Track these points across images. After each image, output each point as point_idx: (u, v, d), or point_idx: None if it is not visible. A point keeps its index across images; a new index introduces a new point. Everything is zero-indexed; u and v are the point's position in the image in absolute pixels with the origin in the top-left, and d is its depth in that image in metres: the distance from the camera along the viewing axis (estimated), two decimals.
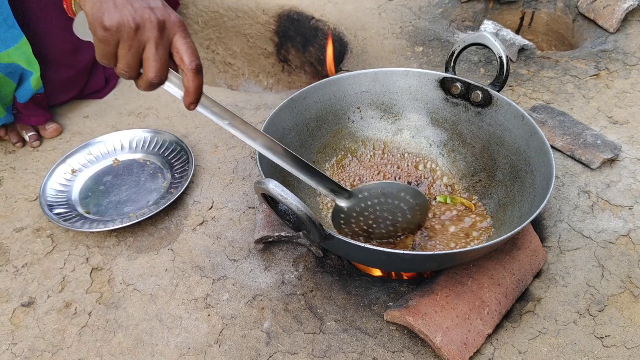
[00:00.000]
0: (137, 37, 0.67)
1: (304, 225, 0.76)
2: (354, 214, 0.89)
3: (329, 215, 1.04)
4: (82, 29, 0.71)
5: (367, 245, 0.77)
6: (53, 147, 1.26)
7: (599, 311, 0.89)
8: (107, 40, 0.67)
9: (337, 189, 0.86)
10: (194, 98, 0.72)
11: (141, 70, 0.71)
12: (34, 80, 1.18)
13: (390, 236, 0.95)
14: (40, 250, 1.03)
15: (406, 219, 0.93)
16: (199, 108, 0.74)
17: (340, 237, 0.77)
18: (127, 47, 0.67)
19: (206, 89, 1.42)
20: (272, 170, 0.95)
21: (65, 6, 0.73)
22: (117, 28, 0.66)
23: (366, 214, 0.90)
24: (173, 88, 0.73)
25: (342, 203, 0.88)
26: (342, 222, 0.91)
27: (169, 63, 0.71)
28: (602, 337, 0.85)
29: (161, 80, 0.70)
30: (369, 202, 0.89)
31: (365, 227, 0.92)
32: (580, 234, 1.01)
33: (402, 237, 0.96)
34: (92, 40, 0.70)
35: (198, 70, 0.70)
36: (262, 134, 0.79)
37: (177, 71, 0.73)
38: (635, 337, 0.85)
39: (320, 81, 1.08)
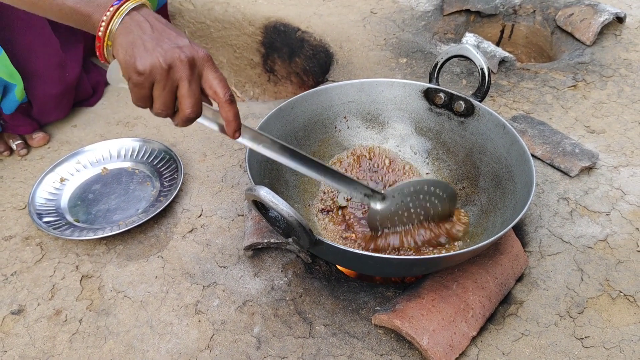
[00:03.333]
0: (170, 76, 0.70)
1: (294, 231, 0.78)
2: (389, 214, 0.94)
3: (316, 219, 1.06)
4: (115, 76, 0.73)
5: (355, 250, 0.80)
6: (41, 156, 1.27)
7: (579, 313, 0.92)
8: (142, 84, 0.70)
9: (370, 193, 0.92)
10: (236, 126, 0.75)
11: (176, 108, 0.74)
12: (18, 92, 1.18)
13: (425, 230, 1.00)
14: (29, 259, 1.03)
15: (437, 211, 0.98)
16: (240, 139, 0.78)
17: (329, 242, 0.79)
18: (162, 87, 0.70)
19: None
20: (261, 178, 0.97)
21: (98, 52, 0.74)
22: (150, 71, 0.68)
23: (400, 212, 0.95)
24: (208, 121, 0.77)
25: (377, 206, 0.93)
26: (378, 223, 0.95)
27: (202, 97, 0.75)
28: (582, 338, 0.88)
29: (197, 114, 0.73)
30: (402, 201, 0.94)
31: (400, 225, 0.96)
32: (560, 239, 1.04)
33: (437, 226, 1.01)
34: (125, 87, 0.73)
35: (232, 100, 0.74)
36: (296, 151, 0.84)
37: (210, 104, 0.77)
38: (613, 337, 0.88)
39: (308, 91, 1.11)
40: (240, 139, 0.78)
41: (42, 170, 1.21)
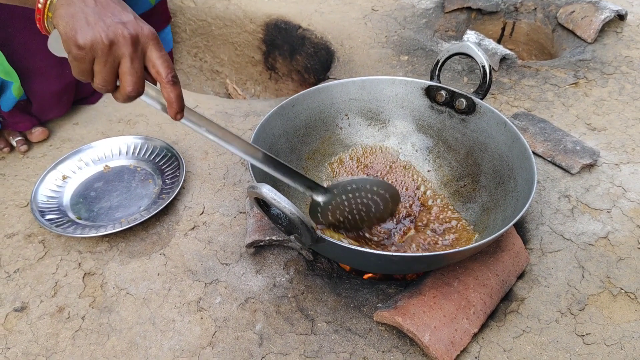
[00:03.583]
0: (111, 53, 0.68)
1: (296, 229, 0.79)
2: (330, 207, 0.95)
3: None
4: (57, 46, 0.72)
5: (358, 248, 0.80)
6: (43, 154, 1.27)
7: (580, 310, 0.92)
8: (82, 58, 0.68)
9: (313, 186, 0.92)
10: (178, 107, 0.74)
11: (118, 84, 0.72)
12: (15, 89, 1.18)
13: (365, 225, 1.01)
14: (32, 256, 1.04)
15: (379, 209, 0.99)
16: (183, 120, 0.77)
17: (331, 239, 0.79)
18: (103, 63, 0.69)
19: (197, 96, 1.45)
20: (263, 176, 0.97)
21: (38, 25, 0.73)
22: (90, 46, 0.67)
23: (342, 207, 0.95)
24: (151, 100, 0.75)
25: (319, 198, 0.93)
26: (319, 214, 0.95)
27: (145, 75, 0.73)
28: (583, 335, 0.89)
29: (139, 92, 0.72)
30: (343, 197, 0.94)
31: (341, 219, 0.97)
32: (561, 236, 1.04)
33: (377, 225, 1.03)
34: (67, 57, 0.71)
35: (175, 81, 0.72)
36: (239, 138, 0.83)
37: (154, 83, 0.75)
38: (614, 334, 0.88)
39: (310, 89, 1.11)
40: (183, 121, 0.77)
41: (44, 168, 1.22)
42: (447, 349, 0.83)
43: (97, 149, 1.24)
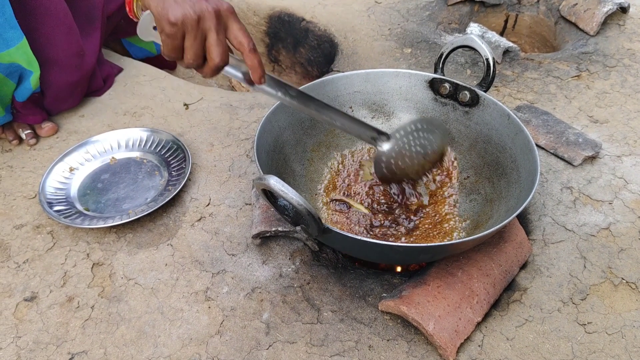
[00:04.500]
0: (199, 27, 0.75)
1: (302, 220, 0.80)
2: (394, 154, 0.97)
3: (324, 209, 1.08)
4: (144, 30, 0.79)
5: (362, 238, 0.81)
6: (50, 146, 1.28)
7: (582, 300, 0.94)
8: (175, 34, 0.75)
9: (376, 135, 0.96)
10: (261, 72, 0.80)
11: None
12: (33, 80, 1.20)
13: (424, 170, 1.01)
14: (41, 247, 1.05)
15: (433, 148, 0.99)
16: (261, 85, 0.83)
17: (337, 230, 0.80)
18: (193, 37, 0.75)
19: (201, 89, 1.45)
20: (269, 167, 0.99)
21: (127, 9, 0.80)
22: (182, 21, 0.74)
23: (403, 152, 0.97)
24: (233, 70, 0.82)
25: (384, 147, 0.97)
26: (383, 165, 0.98)
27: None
28: (585, 324, 0.90)
29: (225, 62, 0.79)
30: (404, 140, 0.97)
31: (402, 167, 0.98)
32: (563, 227, 1.06)
33: (430, 172, 1.05)
34: (155, 40, 0.79)
35: (256, 49, 0.79)
36: (313, 98, 0.89)
37: (232, 53, 0.81)
38: (615, 323, 0.90)
39: (315, 81, 1.12)
40: (262, 86, 0.83)
41: (51, 160, 1.23)
42: (451, 338, 0.85)
43: (104, 141, 1.25)
